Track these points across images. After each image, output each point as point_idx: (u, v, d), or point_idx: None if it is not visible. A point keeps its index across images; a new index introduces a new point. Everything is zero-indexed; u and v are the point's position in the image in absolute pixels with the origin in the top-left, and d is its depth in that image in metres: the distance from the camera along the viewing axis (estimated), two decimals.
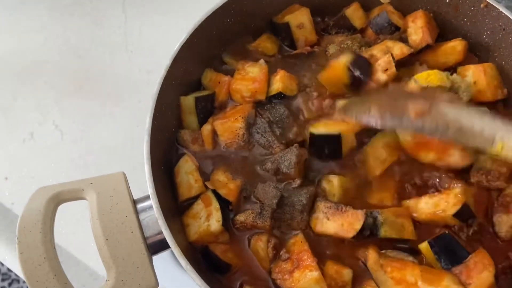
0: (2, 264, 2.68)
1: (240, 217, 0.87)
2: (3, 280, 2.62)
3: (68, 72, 1.34)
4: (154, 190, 0.79)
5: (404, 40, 1.00)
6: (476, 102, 0.92)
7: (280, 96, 0.94)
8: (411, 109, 0.73)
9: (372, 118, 0.76)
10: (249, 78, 0.96)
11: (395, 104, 0.76)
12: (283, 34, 1.04)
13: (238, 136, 0.91)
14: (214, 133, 0.94)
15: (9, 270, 2.65)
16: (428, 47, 0.97)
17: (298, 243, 0.84)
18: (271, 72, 0.97)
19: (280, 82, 0.95)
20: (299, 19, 1.03)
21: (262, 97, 0.95)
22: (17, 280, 2.64)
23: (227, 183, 0.90)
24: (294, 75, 0.97)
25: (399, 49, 0.95)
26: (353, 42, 1.00)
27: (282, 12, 1.05)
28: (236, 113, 0.92)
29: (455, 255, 0.80)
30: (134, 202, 0.83)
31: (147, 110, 0.86)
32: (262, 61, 0.99)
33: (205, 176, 0.91)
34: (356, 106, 0.81)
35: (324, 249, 0.85)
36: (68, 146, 1.22)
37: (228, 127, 0.92)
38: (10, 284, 2.61)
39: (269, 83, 0.96)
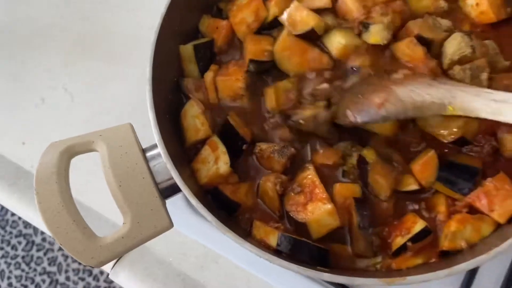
0: (35, 235, 2.82)
1: (262, 145, 0.89)
2: (38, 250, 2.76)
3: (73, 34, 1.35)
4: (161, 137, 0.82)
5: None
6: (481, 24, 0.90)
7: (276, 24, 0.94)
8: (374, 101, 0.81)
9: (351, 118, 0.83)
10: (245, 5, 0.96)
11: (363, 101, 0.83)
12: None
13: (237, 96, 0.93)
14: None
15: (43, 240, 2.79)
16: None
17: (309, 177, 0.86)
18: None
19: (275, 6, 0.94)
20: None
21: (266, 13, 0.94)
22: (51, 249, 2.78)
23: (245, 125, 0.92)
24: None
25: None
26: None
27: None
28: (238, 72, 0.92)
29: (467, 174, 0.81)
30: (143, 151, 0.85)
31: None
32: None
33: (212, 123, 0.93)
34: (340, 111, 0.87)
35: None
36: (79, 108, 1.25)
37: (230, 85, 0.93)
38: (45, 254, 2.75)
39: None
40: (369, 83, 0.86)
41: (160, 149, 0.81)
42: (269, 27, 0.97)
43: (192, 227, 1.05)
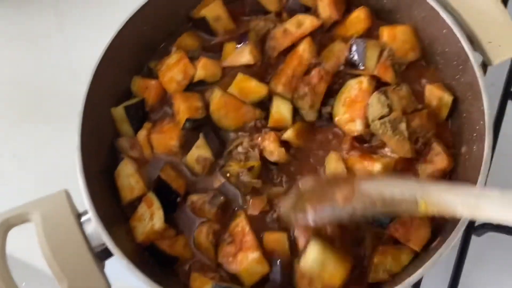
0: None
1: (193, 197, 0.93)
2: None
3: (17, 100, 1.37)
4: (91, 202, 0.85)
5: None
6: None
7: (202, 83, 1.00)
8: (338, 196, 0.77)
9: (309, 216, 0.79)
10: (173, 64, 1.01)
11: (324, 196, 0.80)
12: (202, 27, 1.08)
13: (172, 152, 0.98)
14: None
15: None
16: (337, 23, 1.03)
17: (240, 224, 0.90)
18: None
19: (202, 69, 1.00)
20: (215, 12, 1.06)
21: (194, 71, 1.00)
22: None
23: (176, 177, 0.96)
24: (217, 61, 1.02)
25: (309, 22, 1.01)
26: (266, 24, 1.04)
27: (198, 6, 1.08)
28: (172, 131, 0.97)
29: None
30: (79, 216, 0.88)
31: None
32: (173, 48, 1.04)
33: (147, 180, 0.97)
34: (293, 210, 0.84)
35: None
36: (23, 172, 1.26)
37: (164, 143, 0.98)
38: None
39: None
40: (331, 180, 0.86)
41: (91, 215, 0.84)
42: (198, 84, 1.02)
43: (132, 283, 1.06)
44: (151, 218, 0.91)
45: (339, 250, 0.83)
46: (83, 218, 0.88)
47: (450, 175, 0.90)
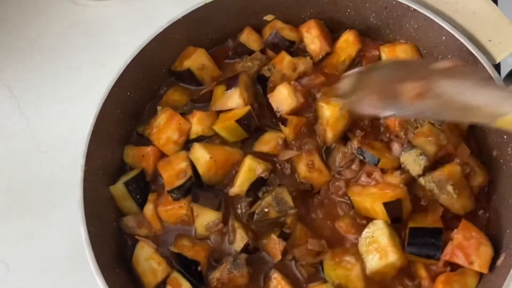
0: None
1: (215, 274, 0.83)
2: None
3: None
4: None
5: (302, 50, 1.02)
6: None
7: (201, 138, 0.93)
8: (409, 91, 0.64)
9: (370, 107, 0.69)
10: (164, 124, 0.93)
11: (390, 89, 0.67)
12: (187, 79, 1.02)
13: (184, 221, 0.89)
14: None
15: None
16: (328, 54, 1.00)
17: (278, 283, 0.81)
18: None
19: (197, 124, 0.93)
20: (199, 61, 1.00)
21: (189, 125, 0.93)
22: None
23: (193, 246, 0.87)
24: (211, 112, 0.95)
25: (303, 64, 0.98)
26: (253, 63, 0.99)
27: (178, 59, 1.02)
28: (179, 202, 0.88)
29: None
30: None
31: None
32: (158, 107, 0.97)
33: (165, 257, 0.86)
34: (353, 94, 0.72)
35: None
36: (13, 276, 1.12)
37: (173, 214, 0.89)
38: None
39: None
40: (403, 68, 0.71)
41: None
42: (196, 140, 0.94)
43: None
44: None
45: None
46: None
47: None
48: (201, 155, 0.88)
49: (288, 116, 0.92)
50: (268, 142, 0.91)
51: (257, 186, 0.88)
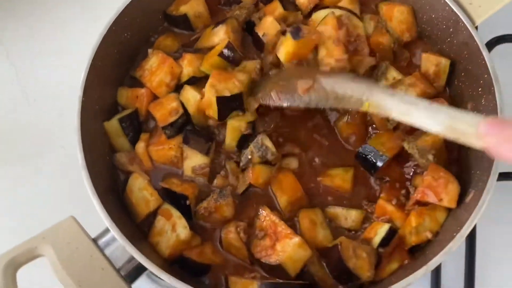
0: None
1: (203, 204, 0.87)
2: None
3: None
4: (111, 219, 0.77)
5: (291, 2, 1.04)
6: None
7: (193, 80, 0.95)
8: (299, 87, 0.85)
9: (273, 99, 0.87)
10: (157, 67, 0.96)
11: (288, 85, 0.87)
12: (181, 25, 1.04)
13: (173, 162, 0.92)
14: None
15: None
16: (317, 6, 1.02)
17: (267, 219, 0.86)
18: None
19: (188, 66, 0.95)
20: (196, 9, 1.02)
21: (180, 69, 0.95)
22: None
23: (181, 183, 0.91)
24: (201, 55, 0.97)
25: (293, 18, 1.00)
26: (241, 11, 1.02)
27: (175, 2, 1.04)
28: (171, 140, 0.92)
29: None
30: (94, 240, 0.79)
31: (74, 150, 0.83)
32: (149, 50, 0.99)
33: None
34: (261, 92, 0.90)
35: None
36: (11, 216, 1.13)
37: (163, 154, 0.92)
38: None
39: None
40: (296, 71, 0.90)
41: (114, 233, 0.76)
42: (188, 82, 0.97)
43: None
44: (173, 230, 0.84)
45: None
46: (100, 241, 0.79)
47: None
48: (191, 96, 0.91)
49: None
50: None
51: (245, 140, 0.91)
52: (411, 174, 0.90)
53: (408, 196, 0.88)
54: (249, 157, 0.89)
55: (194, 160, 0.90)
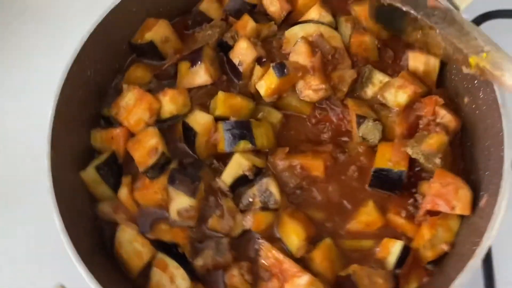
0: None
1: (199, 262, 0.80)
2: None
3: None
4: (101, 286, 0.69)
5: (263, 13, 0.98)
6: None
7: (175, 117, 0.89)
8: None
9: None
10: (134, 104, 0.88)
11: None
12: (150, 53, 0.97)
13: (161, 206, 0.85)
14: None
15: None
16: (290, 12, 0.96)
17: (269, 255, 0.79)
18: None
19: (171, 103, 0.88)
20: (162, 33, 0.95)
21: (159, 104, 0.88)
22: None
23: (170, 228, 0.83)
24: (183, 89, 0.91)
25: (267, 30, 0.95)
26: (213, 31, 0.96)
27: (138, 32, 0.96)
28: (155, 183, 0.85)
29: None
30: None
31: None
32: (124, 85, 0.91)
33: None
34: None
35: None
36: None
37: (149, 198, 0.85)
38: None
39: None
40: None
41: None
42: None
43: None
44: (172, 282, 0.78)
45: None
46: None
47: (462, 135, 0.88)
48: (200, 117, 0.86)
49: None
50: None
51: (241, 183, 0.84)
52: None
53: (416, 205, 0.83)
54: (250, 199, 0.83)
55: (179, 202, 0.83)
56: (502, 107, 0.76)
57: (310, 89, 0.85)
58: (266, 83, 0.87)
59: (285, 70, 0.84)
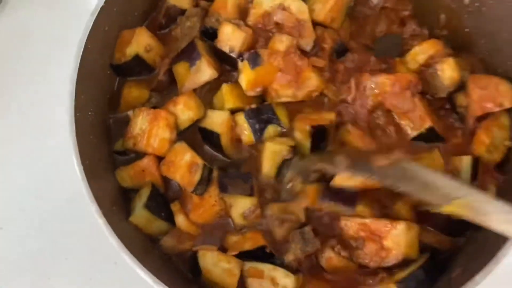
0: None
1: (289, 257, 0.78)
2: None
3: None
4: None
5: None
6: None
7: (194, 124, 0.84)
8: (376, 160, 0.73)
9: (339, 166, 0.75)
10: (150, 127, 0.81)
11: (360, 156, 0.77)
12: (137, 68, 0.89)
13: (222, 216, 0.81)
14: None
15: None
16: None
17: (352, 224, 0.77)
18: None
19: (186, 110, 0.82)
20: (143, 43, 0.87)
21: (175, 118, 0.83)
22: None
23: (244, 237, 0.80)
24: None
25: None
26: (192, 20, 0.89)
27: (116, 49, 0.88)
28: (208, 199, 0.80)
29: None
30: None
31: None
32: (129, 112, 0.84)
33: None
34: (328, 159, 0.78)
35: None
36: None
37: (208, 214, 0.81)
38: None
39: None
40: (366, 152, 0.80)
41: None
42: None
43: None
44: (275, 284, 0.75)
45: None
46: None
47: None
48: (217, 116, 0.81)
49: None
50: None
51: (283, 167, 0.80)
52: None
53: (460, 117, 0.84)
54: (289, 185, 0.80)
55: (241, 205, 0.80)
56: None
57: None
58: (244, 77, 0.81)
59: (258, 60, 0.79)
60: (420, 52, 0.84)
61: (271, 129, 0.81)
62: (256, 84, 0.81)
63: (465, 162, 0.79)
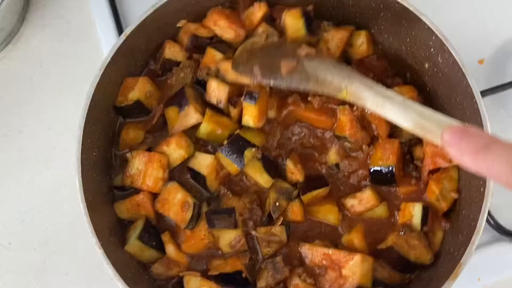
0: None
1: (261, 284, 0.90)
2: None
3: None
4: None
5: (222, 41, 1.01)
6: None
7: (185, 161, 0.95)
8: (283, 66, 0.86)
9: (255, 76, 0.88)
10: (146, 167, 0.92)
11: (271, 62, 0.88)
12: (136, 111, 1.00)
13: (210, 247, 0.93)
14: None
15: None
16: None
17: (316, 253, 0.91)
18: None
19: (178, 149, 0.93)
20: (144, 89, 0.98)
21: (167, 158, 0.94)
22: None
23: (225, 261, 0.92)
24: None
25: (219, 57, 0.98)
26: (185, 71, 1.00)
27: (120, 93, 0.98)
28: (198, 232, 0.92)
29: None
30: None
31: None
32: (128, 154, 0.95)
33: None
34: (242, 65, 0.91)
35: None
36: None
37: (197, 246, 0.92)
38: None
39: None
40: (282, 48, 0.91)
41: None
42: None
43: None
44: None
45: None
46: None
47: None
48: (202, 159, 0.93)
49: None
50: None
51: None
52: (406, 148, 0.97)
53: (415, 167, 0.96)
54: (277, 203, 0.93)
55: (227, 237, 0.91)
56: (463, 66, 0.88)
57: None
58: (249, 115, 0.93)
59: (254, 96, 0.91)
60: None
61: (248, 154, 0.92)
62: (261, 116, 0.93)
63: (417, 208, 0.91)
